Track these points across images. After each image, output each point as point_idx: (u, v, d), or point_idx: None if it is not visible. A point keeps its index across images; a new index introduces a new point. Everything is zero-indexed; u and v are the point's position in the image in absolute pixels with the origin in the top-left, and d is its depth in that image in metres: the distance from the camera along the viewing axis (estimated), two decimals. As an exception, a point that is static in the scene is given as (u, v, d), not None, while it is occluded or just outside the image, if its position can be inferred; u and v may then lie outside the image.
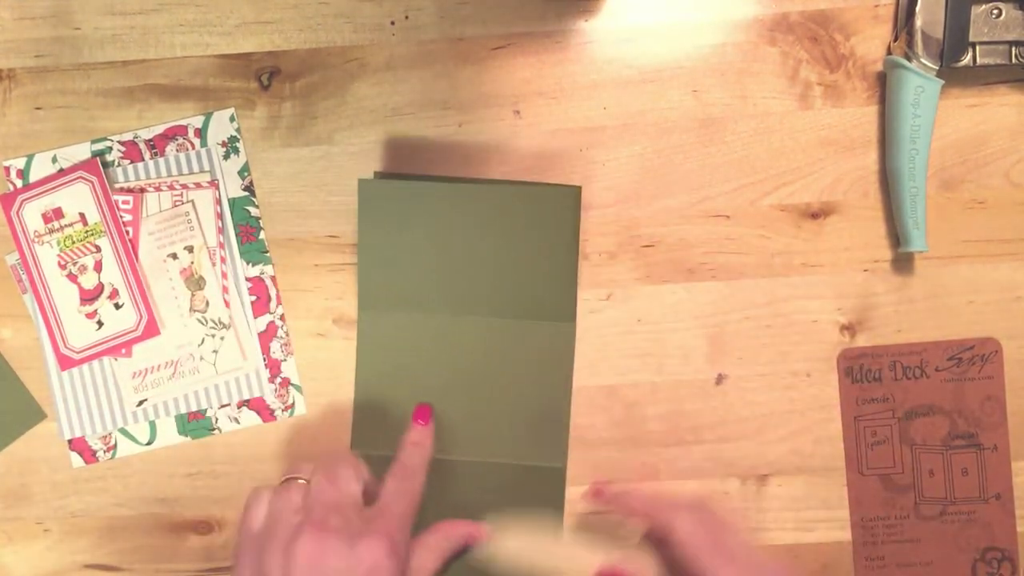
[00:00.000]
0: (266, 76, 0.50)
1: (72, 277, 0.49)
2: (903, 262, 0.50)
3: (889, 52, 0.49)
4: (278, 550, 0.40)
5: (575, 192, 0.49)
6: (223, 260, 0.50)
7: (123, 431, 0.50)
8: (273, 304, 0.50)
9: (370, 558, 0.40)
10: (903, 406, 0.50)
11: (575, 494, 0.50)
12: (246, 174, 0.50)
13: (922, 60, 0.47)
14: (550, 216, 0.48)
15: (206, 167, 0.50)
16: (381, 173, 0.49)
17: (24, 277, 0.50)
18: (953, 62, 0.47)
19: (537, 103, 0.50)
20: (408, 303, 0.49)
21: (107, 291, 0.49)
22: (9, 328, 0.50)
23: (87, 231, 0.49)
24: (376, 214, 0.49)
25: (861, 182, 0.50)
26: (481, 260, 0.49)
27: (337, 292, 0.50)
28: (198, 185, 0.50)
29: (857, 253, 0.50)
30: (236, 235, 0.50)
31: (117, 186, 0.50)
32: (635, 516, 0.46)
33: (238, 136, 0.50)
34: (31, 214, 0.49)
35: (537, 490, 0.49)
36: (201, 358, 0.50)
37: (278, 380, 0.50)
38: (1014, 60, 0.47)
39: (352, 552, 0.40)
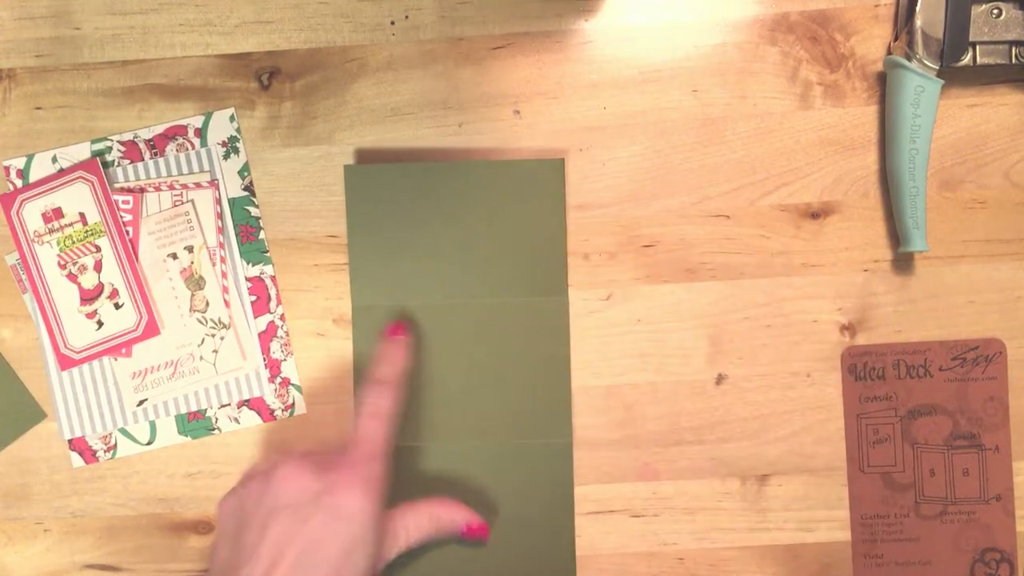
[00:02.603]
0: (266, 76, 0.50)
1: (72, 277, 0.49)
2: (903, 262, 0.50)
3: (889, 52, 0.49)
4: (258, 512, 0.41)
5: (559, 164, 0.49)
6: (223, 260, 0.50)
7: (123, 431, 0.50)
8: (273, 304, 0.50)
9: (338, 494, 0.41)
10: (906, 405, 0.49)
11: (577, 494, 0.50)
12: (246, 174, 0.50)
13: (922, 60, 0.47)
14: (536, 190, 0.49)
15: (206, 167, 0.50)
16: (362, 151, 0.50)
17: (24, 277, 0.50)
18: (953, 62, 0.47)
19: (537, 103, 0.50)
20: (401, 293, 0.49)
21: (107, 291, 0.49)
22: (9, 328, 0.50)
23: (87, 231, 0.49)
24: (364, 201, 0.49)
25: (861, 182, 0.50)
26: (470, 240, 0.49)
27: (337, 292, 0.50)
28: (198, 185, 0.50)
29: (857, 253, 0.50)
30: (236, 235, 0.50)
31: (117, 186, 0.50)
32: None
33: (238, 136, 0.50)
34: (31, 214, 0.49)
35: (546, 467, 0.49)
36: (201, 358, 0.50)
37: (278, 380, 0.50)
38: (1014, 60, 0.47)
39: (322, 479, 0.42)
